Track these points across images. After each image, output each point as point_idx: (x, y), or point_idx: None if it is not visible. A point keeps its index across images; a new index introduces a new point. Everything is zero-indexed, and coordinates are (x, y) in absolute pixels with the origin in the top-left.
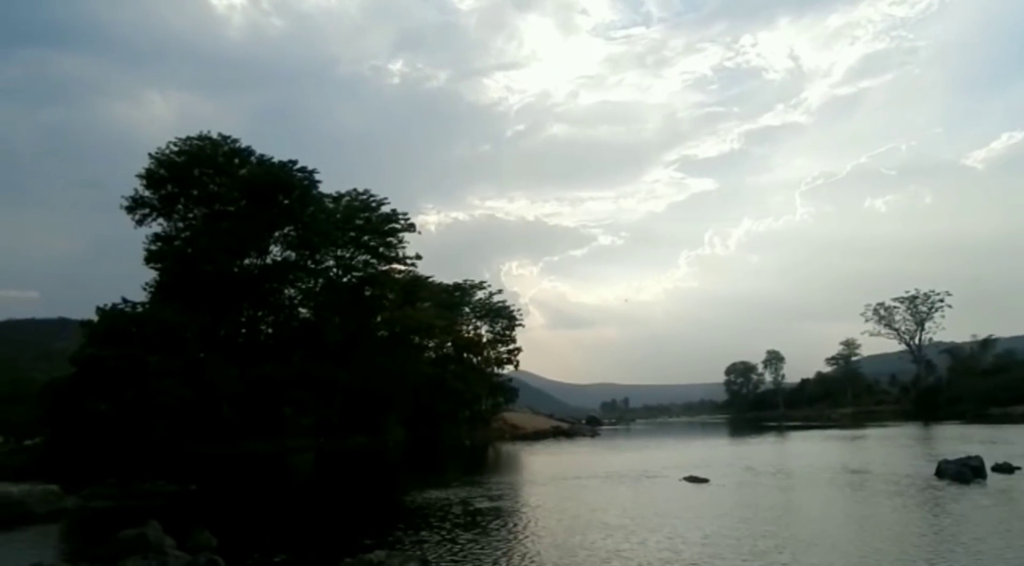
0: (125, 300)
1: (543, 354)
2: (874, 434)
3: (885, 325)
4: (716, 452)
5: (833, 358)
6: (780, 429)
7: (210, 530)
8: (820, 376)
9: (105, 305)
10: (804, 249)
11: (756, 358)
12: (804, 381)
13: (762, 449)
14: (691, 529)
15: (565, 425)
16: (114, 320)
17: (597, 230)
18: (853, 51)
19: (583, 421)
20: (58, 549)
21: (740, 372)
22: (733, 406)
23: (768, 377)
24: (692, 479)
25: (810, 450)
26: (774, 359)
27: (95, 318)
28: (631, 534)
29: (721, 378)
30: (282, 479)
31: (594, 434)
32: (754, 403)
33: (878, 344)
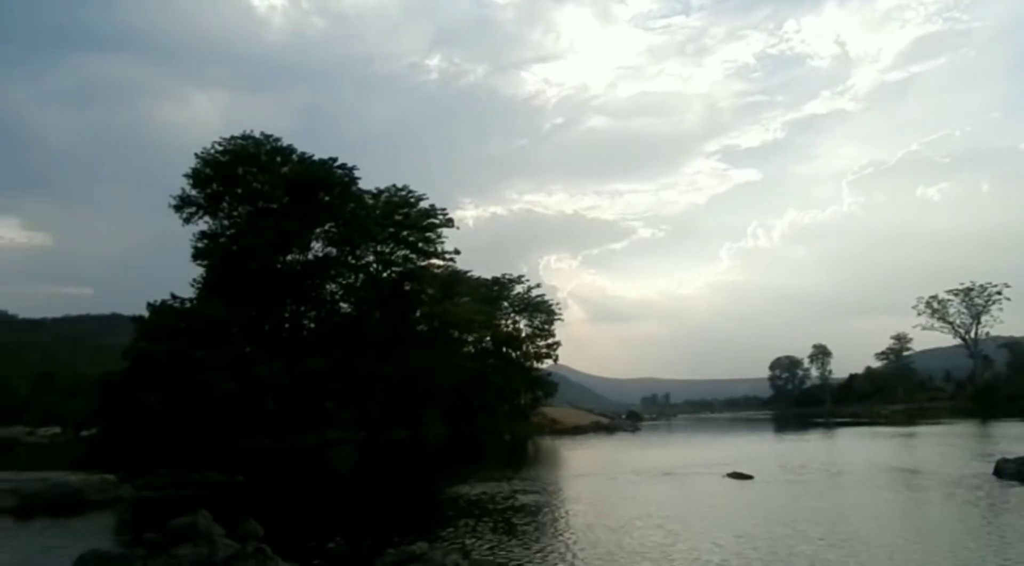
0: (174, 296)
1: (582, 349)
2: (928, 432)
3: (939, 318)
4: (761, 448)
5: (883, 353)
6: (828, 426)
7: (257, 519)
8: (869, 371)
9: (155, 301)
10: (852, 240)
11: (802, 353)
12: (852, 376)
13: (809, 446)
14: (732, 527)
15: (605, 420)
16: (164, 316)
17: (637, 223)
18: (903, 34)
19: (623, 416)
20: (114, 535)
21: (785, 367)
22: (778, 402)
23: (814, 372)
24: (736, 475)
25: (860, 447)
26: (820, 354)
27: (146, 314)
28: (672, 531)
29: (765, 373)
30: (325, 471)
31: (634, 429)
32: (800, 399)
33: (931, 338)
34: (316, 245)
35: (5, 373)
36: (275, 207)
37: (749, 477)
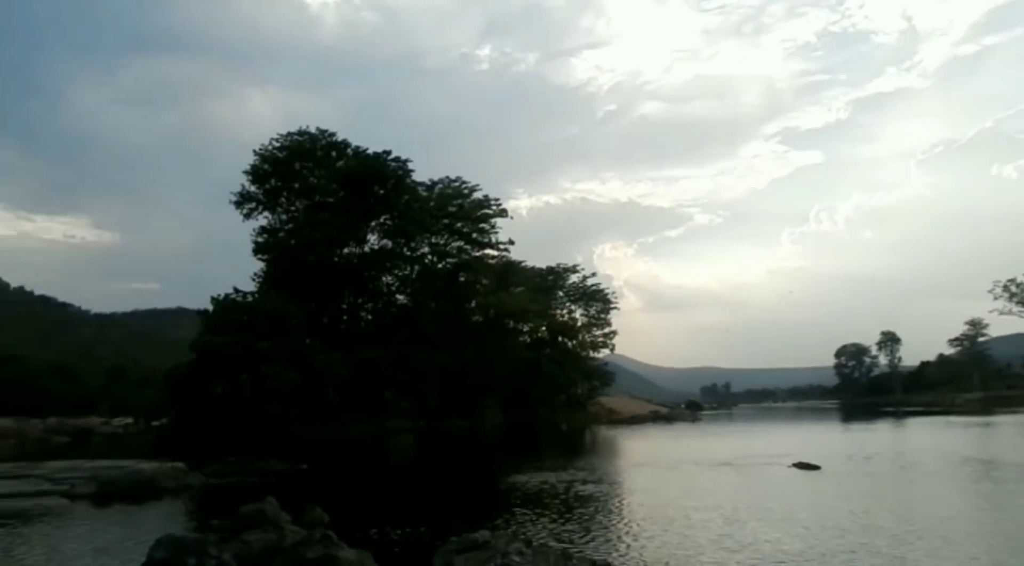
0: (236, 290)
1: (639, 338)
2: (1007, 421)
3: (1017, 303)
4: (827, 438)
5: (957, 339)
6: (898, 415)
7: (321, 507)
8: (942, 358)
9: (219, 295)
10: (921, 222)
11: (869, 340)
12: (924, 364)
13: (879, 436)
14: (799, 518)
15: (664, 410)
16: (227, 309)
17: (694, 209)
18: (976, 5)
19: (682, 406)
20: (186, 521)
21: (852, 355)
22: (844, 391)
23: (883, 360)
24: (802, 466)
25: (933, 437)
26: (889, 341)
27: (210, 308)
28: (736, 521)
29: (830, 361)
30: (385, 460)
31: (694, 419)
32: (867, 387)
33: (1009, 324)
34: (372, 238)
35: (80, 366)
36: (331, 201)
37: (816, 467)
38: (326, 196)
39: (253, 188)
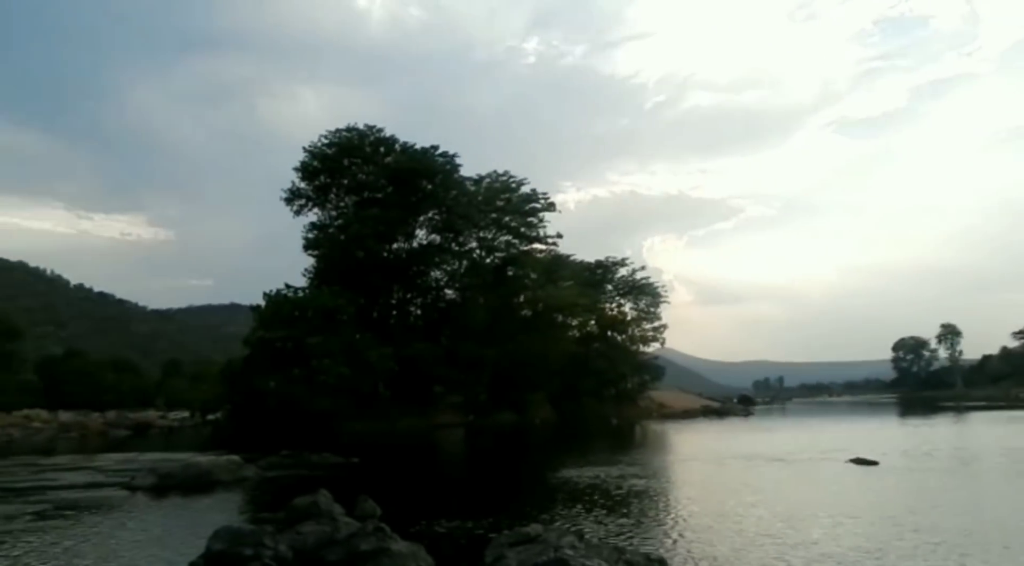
0: (288, 286)
1: (690, 332)
2: None
3: None
4: (885, 433)
5: (1021, 332)
6: (958, 410)
7: (372, 500)
8: (1005, 352)
9: (271, 291)
10: (985, 212)
11: (928, 333)
12: (986, 357)
13: (939, 431)
14: (855, 515)
15: (715, 404)
16: (279, 305)
17: (745, 201)
18: None
19: (734, 400)
20: (242, 512)
21: (910, 348)
22: (902, 385)
23: (942, 353)
24: (859, 461)
25: (995, 433)
26: (949, 334)
27: (262, 303)
28: (788, 518)
29: (887, 355)
30: (435, 454)
31: (747, 413)
32: (926, 382)
33: None
34: (420, 233)
35: (138, 361)
36: (380, 197)
37: (874, 463)
38: (375, 192)
39: (303, 185)
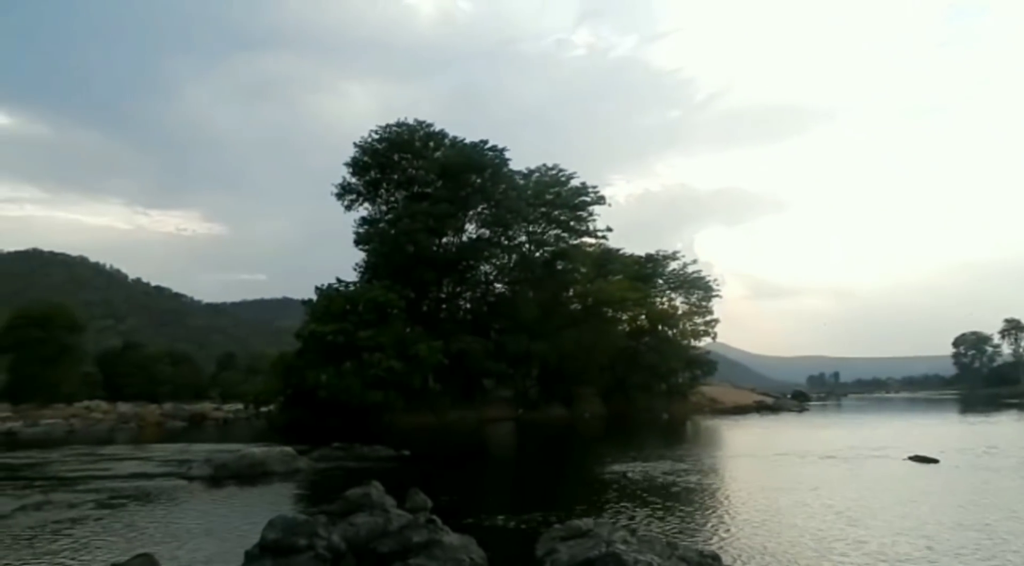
0: (339, 280)
1: (742, 326)
2: None
3: None
4: (946, 430)
5: None
6: (1023, 407)
7: (423, 493)
8: None
9: (322, 285)
10: None
11: (991, 328)
12: None
13: (1001, 429)
14: (913, 514)
15: (769, 400)
16: (330, 299)
17: (798, 193)
18: None
19: (787, 396)
20: (296, 503)
21: (971, 343)
22: (963, 381)
23: (1006, 349)
24: (918, 459)
25: None
26: (1013, 328)
27: (314, 297)
28: (844, 516)
29: (947, 350)
30: (484, 447)
31: (801, 409)
32: (989, 378)
33: None
34: (470, 227)
35: (193, 353)
36: (429, 191)
37: (934, 461)
38: (424, 186)
39: (354, 180)
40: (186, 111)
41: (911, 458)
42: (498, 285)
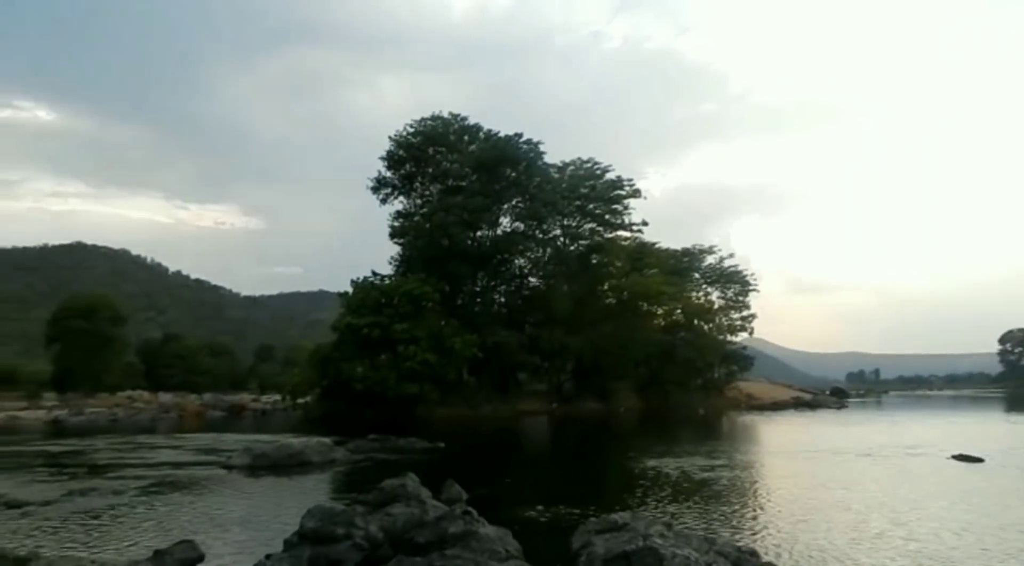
0: (374, 273)
1: (780, 321)
2: None
3: None
4: (992, 430)
5: None
6: None
7: (459, 484)
8: None
9: (358, 278)
10: None
11: None
12: None
13: None
14: (957, 515)
15: (807, 396)
16: (366, 291)
17: (837, 187)
18: None
19: (826, 392)
20: (333, 493)
21: (1018, 341)
22: (1010, 379)
23: None
24: (962, 458)
25: None
26: None
27: (350, 290)
28: (886, 515)
29: (993, 348)
30: (519, 441)
31: (840, 406)
32: None
33: None
34: (504, 220)
35: (231, 344)
36: (464, 185)
37: (979, 460)
38: (459, 180)
39: (389, 174)
40: (225, 107)
41: (954, 457)
42: (532, 279)
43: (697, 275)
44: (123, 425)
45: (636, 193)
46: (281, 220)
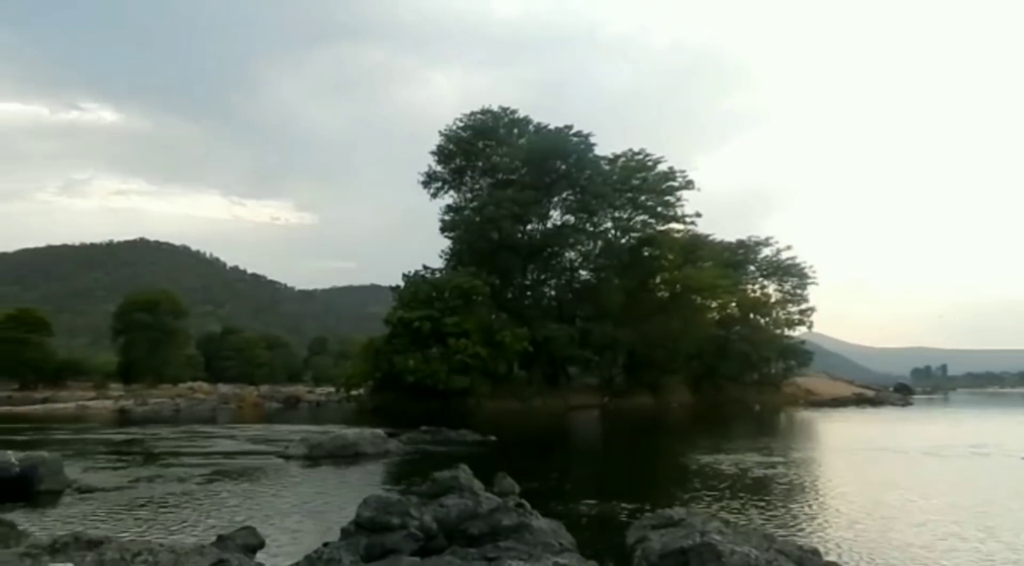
0: (425, 267)
1: (841, 315)
2: None
3: None
4: None
5: None
6: None
7: (511, 477)
8: None
9: (409, 272)
10: None
11: None
12: None
13: None
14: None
15: (869, 392)
16: (417, 285)
17: (898, 175)
18: None
19: (890, 389)
20: (387, 483)
21: None
22: None
23: None
24: None
25: None
26: None
27: (402, 284)
28: (956, 516)
29: None
30: (570, 434)
31: (905, 403)
32: None
33: None
34: (554, 213)
35: (287, 338)
36: (514, 178)
37: None
38: (509, 173)
39: (439, 168)
40: (278, 105)
41: None
42: (583, 272)
43: (753, 268)
44: (185, 415)
45: (689, 184)
46: (334, 215)
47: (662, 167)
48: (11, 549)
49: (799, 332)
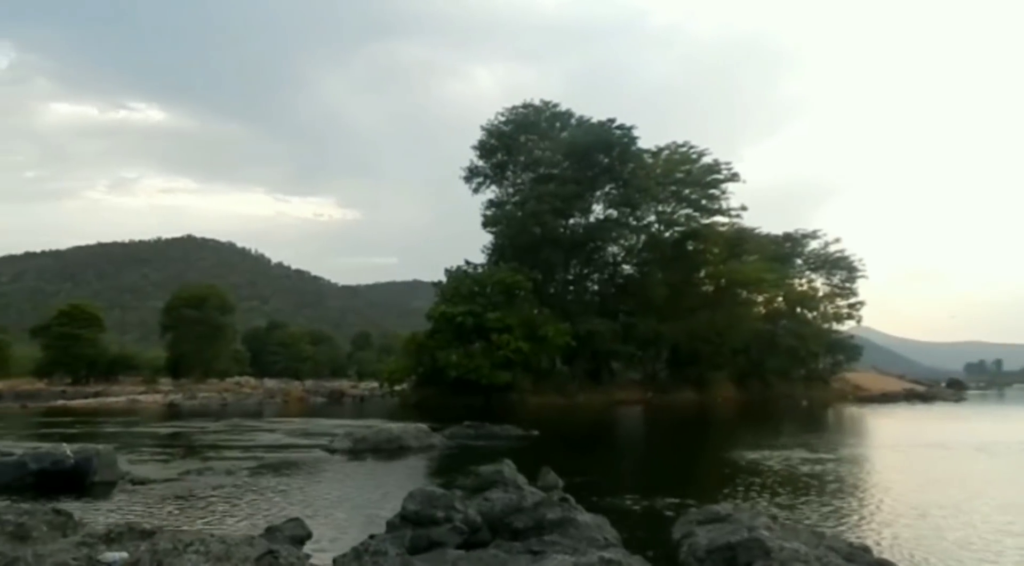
0: (467, 262)
1: (892, 309)
2: None
3: None
4: None
5: None
6: None
7: (554, 472)
8: None
9: (451, 267)
10: None
11: None
12: None
13: None
14: None
15: (920, 388)
16: (459, 280)
17: (950, 166)
18: None
19: (942, 384)
20: (432, 477)
21: None
22: None
23: None
24: None
25: None
26: None
27: (444, 279)
28: (1002, 514)
29: None
30: (614, 430)
31: (958, 399)
32: None
33: None
34: (597, 207)
35: (331, 333)
36: (556, 172)
37: None
38: (551, 167)
39: (481, 163)
40: (320, 101)
41: None
42: (626, 266)
43: (800, 261)
44: (232, 409)
45: (734, 177)
46: (377, 211)
47: (707, 159)
48: (68, 538)
49: (847, 326)
